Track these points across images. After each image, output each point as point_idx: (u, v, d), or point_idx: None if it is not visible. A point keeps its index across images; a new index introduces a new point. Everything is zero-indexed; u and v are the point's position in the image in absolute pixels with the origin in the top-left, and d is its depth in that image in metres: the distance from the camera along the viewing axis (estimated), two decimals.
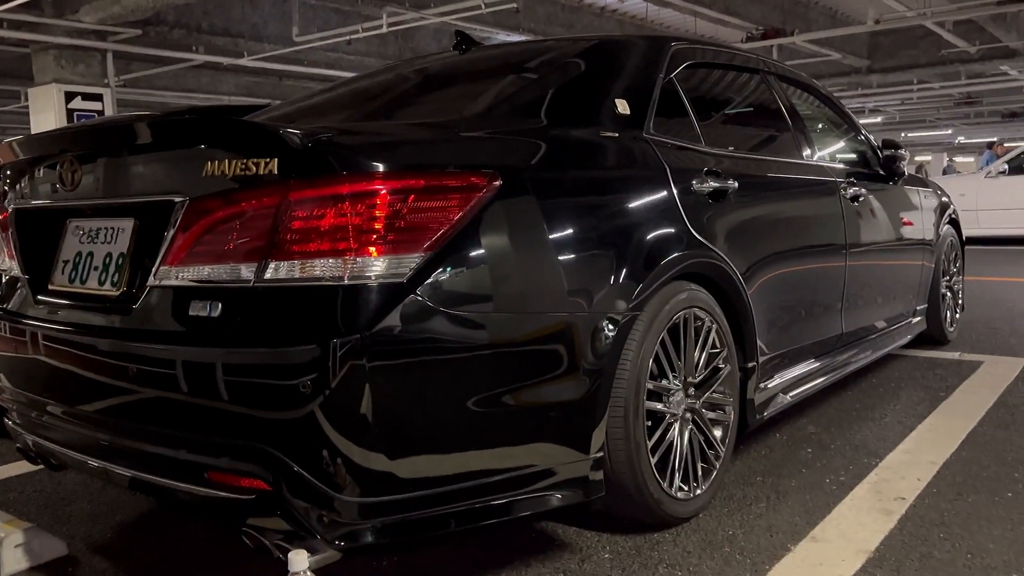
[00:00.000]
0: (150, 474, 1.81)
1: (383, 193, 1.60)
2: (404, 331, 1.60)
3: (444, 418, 1.70)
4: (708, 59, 2.83)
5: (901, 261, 3.82)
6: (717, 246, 2.36)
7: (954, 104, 21.73)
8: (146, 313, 1.74)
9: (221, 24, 10.73)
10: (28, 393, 2.11)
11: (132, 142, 1.83)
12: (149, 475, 1.81)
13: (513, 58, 2.58)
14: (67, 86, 9.05)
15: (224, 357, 1.60)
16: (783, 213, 2.88)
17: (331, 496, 1.59)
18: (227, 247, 1.63)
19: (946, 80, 16.77)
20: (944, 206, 4.45)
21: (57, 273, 2.02)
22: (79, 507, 2.56)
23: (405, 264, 1.61)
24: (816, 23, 12.76)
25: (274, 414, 1.57)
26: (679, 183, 2.28)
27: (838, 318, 3.20)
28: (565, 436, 1.91)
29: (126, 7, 7.95)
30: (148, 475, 1.82)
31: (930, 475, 2.57)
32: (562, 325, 1.87)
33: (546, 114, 2.15)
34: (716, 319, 2.36)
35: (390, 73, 2.87)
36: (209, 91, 15.19)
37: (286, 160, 1.58)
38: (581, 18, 12.57)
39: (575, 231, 1.94)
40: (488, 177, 1.76)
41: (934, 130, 27.71)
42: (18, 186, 2.21)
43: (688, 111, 2.58)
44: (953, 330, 4.58)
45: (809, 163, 3.15)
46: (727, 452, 2.43)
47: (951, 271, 4.55)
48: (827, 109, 3.71)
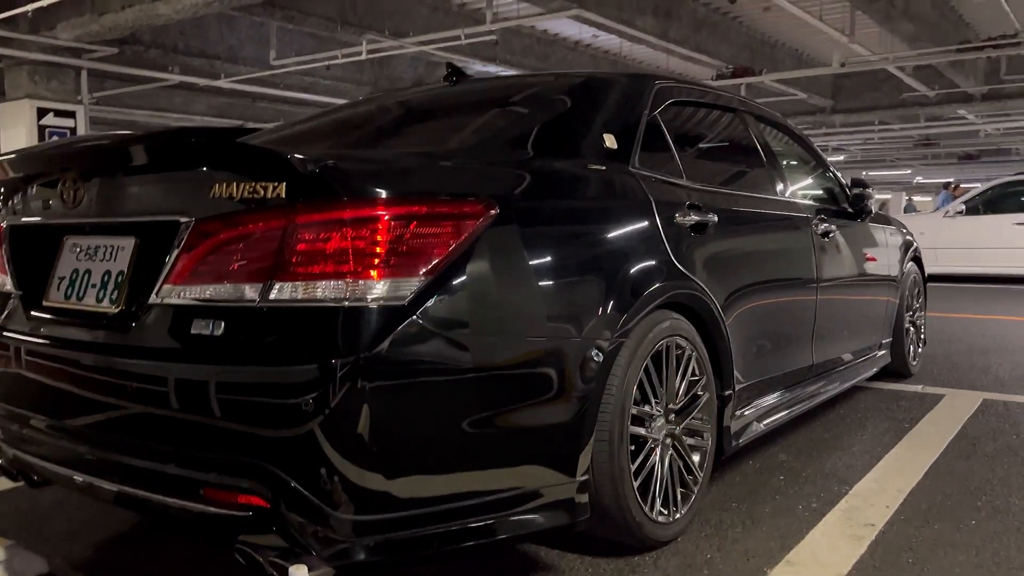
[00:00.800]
0: (141, 489, 1.82)
1: (387, 219, 1.66)
2: (404, 353, 1.65)
3: (439, 438, 1.74)
4: (689, 97, 2.94)
5: (868, 296, 3.96)
6: (698, 277, 2.44)
7: (913, 145, 22.41)
8: (147, 330, 1.77)
9: (197, 45, 10.76)
10: (15, 408, 2.11)
11: (136, 162, 1.87)
12: (139, 491, 1.82)
13: (506, 92, 2.66)
14: (40, 102, 8.98)
15: (226, 375, 1.63)
16: (759, 246, 2.98)
17: (327, 513, 1.62)
18: (232, 267, 1.67)
19: (906, 122, 17.32)
20: (908, 244, 4.61)
21: (52, 289, 2.04)
22: (57, 525, 2.54)
23: (406, 287, 1.66)
24: (783, 63, 13.14)
25: (274, 432, 1.61)
26: (663, 215, 2.37)
27: (809, 349, 3.31)
28: (554, 459, 1.96)
29: (104, 26, 7.94)
30: (138, 491, 1.83)
31: (897, 503, 2.66)
32: (554, 350, 1.93)
33: (538, 146, 2.22)
34: (696, 348, 2.44)
35: (384, 101, 2.94)
36: (181, 111, 15.11)
37: (294, 184, 1.63)
38: (555, 51, 12.80)
39: (566, 259, 2.01)
40: (486, 205, 1.83)
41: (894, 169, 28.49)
42: (12, 202, 2.22)
43: (670, 146, 2.68)
44: (916, 364, 4.73)
45: (783, 199, 3.27)
46: (705, 477, 2.50)
47: (914, 306, 4.70)
48: (799, 147, 3.85)
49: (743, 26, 11.79)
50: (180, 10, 7.45)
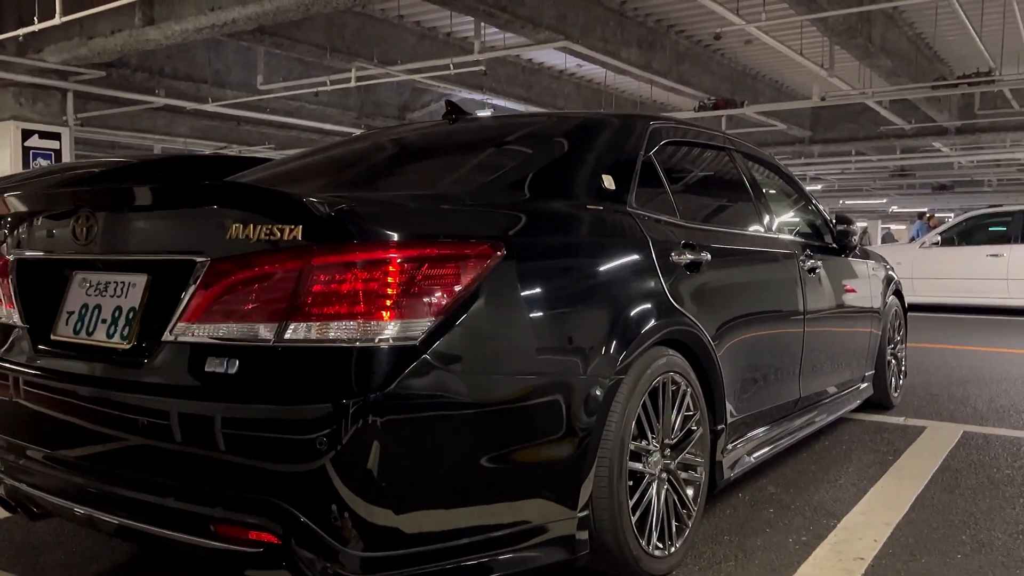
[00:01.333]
0: (146, 524, 1.84)
1: (399, 261, 1.71)
2: (415, 392, 1.69)
3: (448, 475, 1.78)
4: (681, 137, 3.03)
5: (852, 329, 4.05)
6: (692, 314, 2.51)
7: (889, 175, 22.85)
8: (160, 367, 1.80)
9: (184, 69, 10.79)
10: (17, 440, 2.12)
11: (150, 202, 1.90)
12: (144, 525, 1.84)
13: (505, 132, 2.72)
14: (25, 124, 8.95)
15: (240, 412, 1.66)
16: (749, 283, 3.06)
17: (336, 549, 1.65)
18: (248, 307, 1.70)
19: (882, 153, 17.67)
20: (890, 278, 4.72)
21: (61, 323, 2.06)
22: (53, 556, 2.53)
23: (417, 328, 1.71)
24: (763, 94, 13.39)
25: (287, 468, 1.64)
26: (659, 254, 2.43)
27: (796, 383, 3.38)
28: (555, 494, 2.00)
29: (93, 50, 7.96)
30: (143, 524, 1.84)
31: (885, 536, 2.72)
32: (558, 388, 1.98)
33: (539, 188, 2.28)
34: (691, 383, 2.50)
35: (383, 138, 2.99)
36: (165, 132, 15.09)
37: (310, 227, 1.68)
38: (540, 80, 12.96)
39: (569, 299, 2.07)
40: (492, 247, 1.88)
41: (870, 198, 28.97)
42: (19, 235, 2.25)
43: (665, 185, 2.75)
44: (897, 395, 4.82)
45: (771, 236, 3.35)
46: (699, 511, 2.55)
47: (896, 339, 4.80)
48: (786, 184, 3.94)
49: (725, 58, 12.01)
50: (170, 36, 7.49)
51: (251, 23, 7.13)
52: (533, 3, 8.07)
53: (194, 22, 7.13)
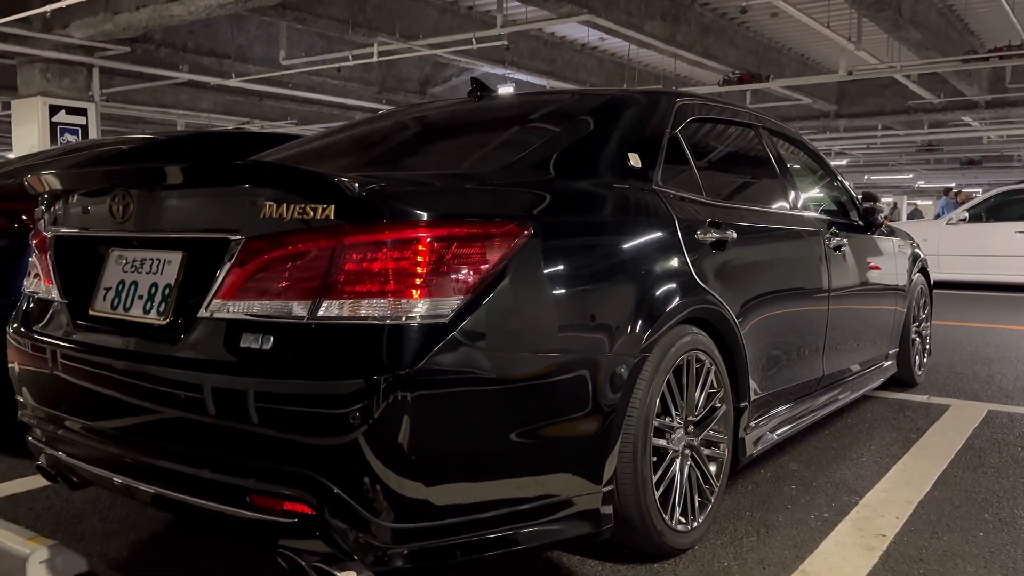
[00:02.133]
0: (183, 494, 1.89)
1: (430, 240, 1.73)
2: (445, 368, 1.72)
3: (476, 450, 1.82)
4: (708, 114, 3.02)
5: (877, 307, 4.03)
6: (716, 292, 2.52)
7: (916, 150, 22.51)
8: (196, 342, 1.84)
9: (207, 44, 10.84)
10: (57, 412, 2.18)
11: (186, 181, 1.94)
12: (181, 495, 1.90)
13: (531, 110, 2.73)
14: (52, 99, 9.05)
15: (275, 387, 1.70)
16: (774, 261, 3.06)
17: (369, 520, 1.69)
18: (282, 284, 1.74)
19: (910, 128, 17.42)
20: (916, 255, 4.69)
21: (98, 299, 2.11)
22: (91, 524, 2.61)
23: (447, 306, 1.73)
24: (789, 68, 13.22)
25: (321, 442, 1.68)
26: (685, 233, 2.44)
27: (820, 361, 3.38)
28: (580, 469, 2.03)
29: (118, 25, 8.01)
30: (180, 495, 1.90)
31: (907, 513, 2.73)
32: (584, 365, 2.00)
33: (566, 166, 2.29)
34: (715, 361, 2.52)
35: (408, 116, 3.01)
36: (188, 108, 15.22)
37: (342, 206, 1.70)
38: (562, 54, 12.88)
39: (596, 277, 2.09)
40: (520, 226, 1.90)
41: (896, 174, 28.61)
42: (57, 213, 2.29)
43: (691, 163, 2.75)
44: (921, 373, 4.80)
45: (797, 213, 3.34)
46: (721, 487, 2.57)
47: (920, 317, 4.78)
48: (812, 161, 3.92)
49: (750, 31, 11.86)
50: (194, 11, 7.53)
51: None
52: None
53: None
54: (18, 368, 2.32)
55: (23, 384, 2.31)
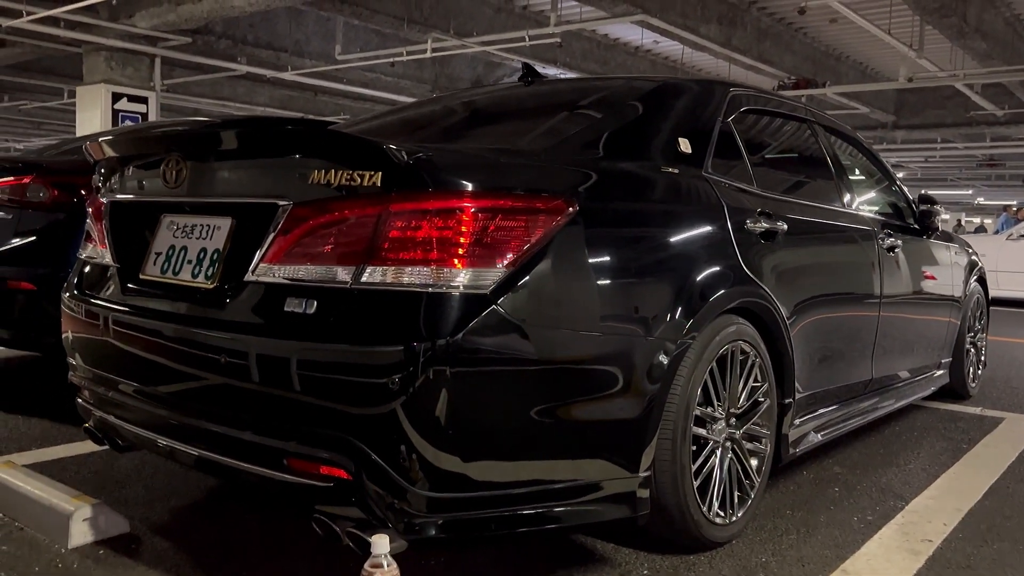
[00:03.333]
0: (223, 456, 1.92)
1: (475, 210, 1.73)
2: (484, 340, 1.71)
3: (512, 425, 1.80)
4: (761, 106, 2.97)
5: (930, 314, 3.92)
6: (765, 284, 2.47)
7: (976, 165, 21.89)
8: (241, 306, 1.87)
9: (265, 38, 11.02)
10: (106, 373, 2.22)
11: (237, 147, 1.96)
12: (222, 457, 1.92)
13: (583, 94, 2.72)
14: (115, 87, 9.31)
15: (317, 352, 1.71)
16: (825, 257, 2.99)
17: (404, 488, 1.69)
18: (327, 250, 1.75)
19: (970, 141, 16.93)
20: (973, 264, 4.55)
21: (149, 264, 2.15)
22: (134, 490, 2.67)
23: (489, 277, 1.73)
24: (846, 76, 12.96)
25: (360, 408, 1.69)
26: (734, 221, 2.40)
27: (869, 364, 3.30)
28: (619, 453, 2.01)
29: (181, 16, 8.20)
30: (221, 457, 1.92)
31: (955, 521, 2.65)
32: (625, 348, 1.98)
33: (615, 148, 2.27)
34: (760, 354, 2.47)
35: (462, 99, 3.02)
36: (244, 101, 15.49)
37: (389, 174, 1.71)
38: (615, 56, 12.81)
39: (640, 259, 2.06)
40: (565, 202, 1.89)
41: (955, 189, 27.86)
42: (113, 180, 2.35)
43: (742, 153, 2.71)
44: (975, 386, 4.66)
45: (850, 211, 3.26)
46: (762, 482, 2.52)
47: (976, 327, 4.63)
48: (867, 161, 3.83)
49: (807, 37, 11.66)
50: (253, 3, 7.67)
51: None
52: None
53: None
54: (70, 331, 2.37)
55: (74, 347, 2.37)
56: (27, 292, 3.50)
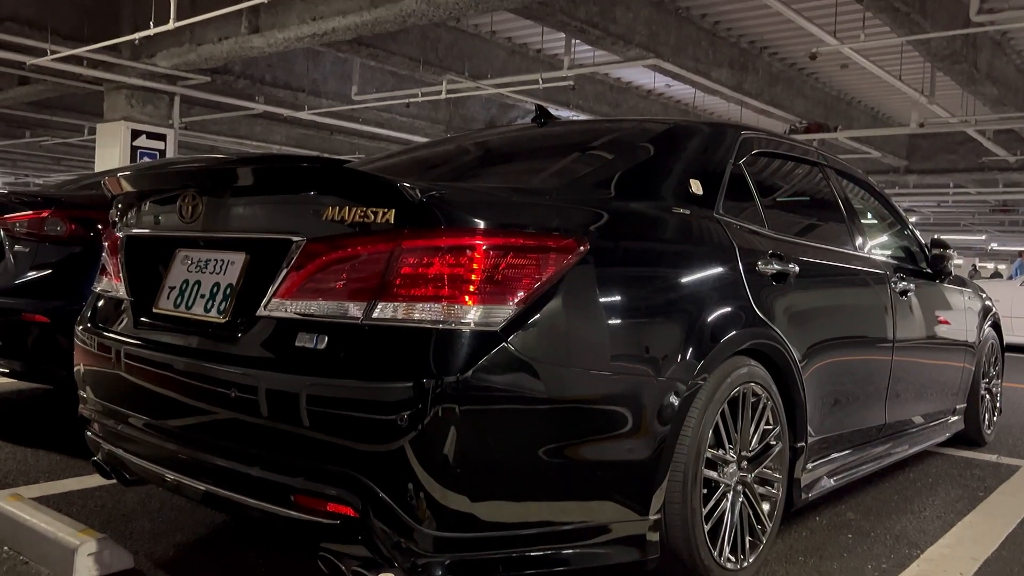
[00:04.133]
0: (231, 492, 1.91)
1: (487, 248, 1.74)
2: (494, 377, 1.71)
3: (521, 465, 1.79)
4: (773, 149, 2.98)
5: (944, 359, 3.89)
6: (776, 326, 2.46)
7: (990, 210, 21.86)
8: (252, 341, 1.87)
9: (283, 78, 11.21)
10: (117, 407, 2.23)
11: (253, 183, 1.99)
12: (229, 492, 1.91)
13: (594, 135, 2.74)
14: (134, 124, 9.46)
15: (327, 387, 1.71)
16: (836, 300, 2.98)
17: (411, 527, 1.68)
18: (339, 285, 1.76)
19: (983, 186, 16.95)
20: (987, 309, 4.52)
21: (163, 298, 2.17)
22: (140, 524, 2.65)
23: (500, 314, 1.73)
24: (858, 121, 13.04)
25: (368, 445, 1.68)
26: (746, 262, 2.40)
27: (882, 408, 3.26)
28: (629, 495, 1.99)
29: (201, 55, 8.36)
30: (227, 492, 1.92)
31: (972, 571, 2.59)
32: (635, 389, 1.97)
33: (626, 188, 2.29)
34: (772, 396, 2.45)
35: (476, 139, 3.05)
36: (261, 139, 15.72)
37: (402, 211, 1.73)
38: (628, 99, 12.94)
39: (651, 299, 2.06)
40: (576, 241, 1.90)
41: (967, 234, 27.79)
42: (130, 214, 2.38)
43: (753, 195, 2.72)
44: (990, 432, 4.59)
45: (862, 254, 3.26)
46: (774, 527, 2.49)
47: (991, 373, 4.59)
48: (879, 204, 3.83)
49: (819, 82, 11.76)
50: (273, 43, 7.81)
51: (350, 33, 7.37)
52: (625, 21, 8.10)
53: (296, 31, 7.42)
54: (82, 364, 2.38)
55: (86, 379, 2.37)
56: (41, 325, 3.53)
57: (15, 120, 15.24)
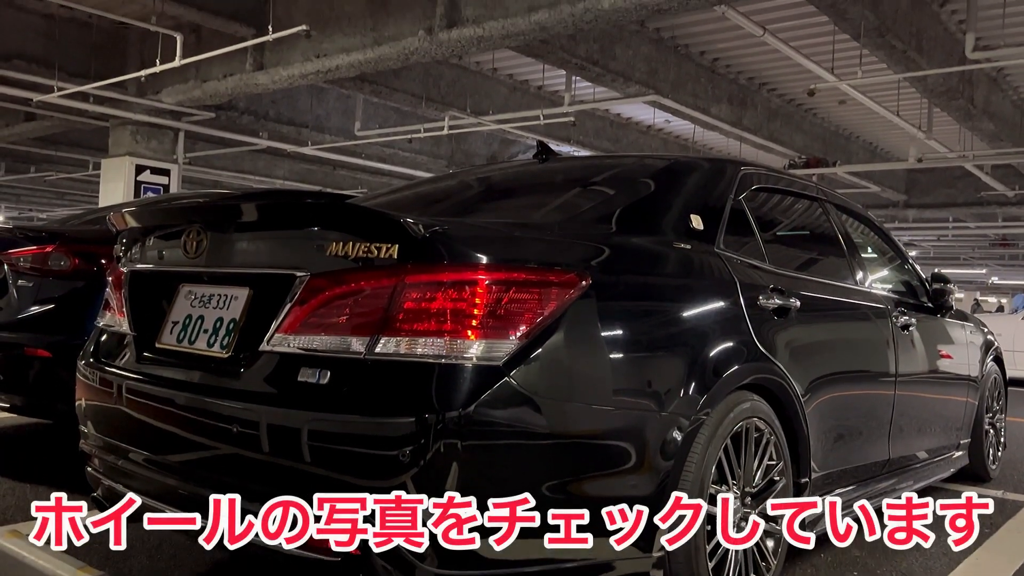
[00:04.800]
0: None
1: (489, 283, 1.75)
2: (496, 412, 1.71)
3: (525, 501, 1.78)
4: (772, 184, 3.01)
5: (947, 393, 3.87)
6: (778, 360, 2.46)
7: (990, 244, 21.91)
8: (255, 376, 1.88)
9: (287, 113, 11.33)
10: (117, 441, 2.22)
11: (257, 219, 2.01)
12: None
13: (596, 170, 2.77)
14: (139, 159, 9.54)
15: (328, 422, 1.72)
16: (839, 334, 2.98)
17: (413, 564, 1.67)
18: (342, 320, 1.77)
19: (982, 220, 17.00)
20: (989, 343, 4.51)
21: (166, 333, 2.18)
22: (139, 561, 2.63)
23: (502, 349, 1.74)
24: (856, 156, 13.14)
25: (370, 481, 1.67)
26: (747, 297, 2.41)
27: (886, 443, 3.24)
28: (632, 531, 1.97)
29: (206, 92, 8.46)
30: None
31: None
32: (638, 424, 1.96)
33: (628, 223, 2.30)
34: (775, 431, 2.44)
35: (479, 174, 3.09)
36: (264, 174, 15.83)
37: (406, 246, 1.74)
38: (628, 134, 13.06)
39: (653, 334, 2.07)
40: (579, 276, 1.91)
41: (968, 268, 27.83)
42: (134, 250, 2.39)
43: (754, 230, 2.73)
44: (995, 468, 4.56)
45: (863, 289, 3.27)
46: (778, 565, 2.46)
47: (994, 408, 4.57)
48: (879, 239, 3.85)
49: (817, 117, 11.87)
50: (277, 80, 7.91)
51: (353, 70, 7.47)
52: (624, 58, 8.20)
53: (300, 68, 7.52)
54: (84, 398, 2.38)
55: (87, 414, 2.37)
56: (43, 359, 3.53)
57: (20, 155, 15.36)
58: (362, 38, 7.01)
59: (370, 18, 6.97)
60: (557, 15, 5.85)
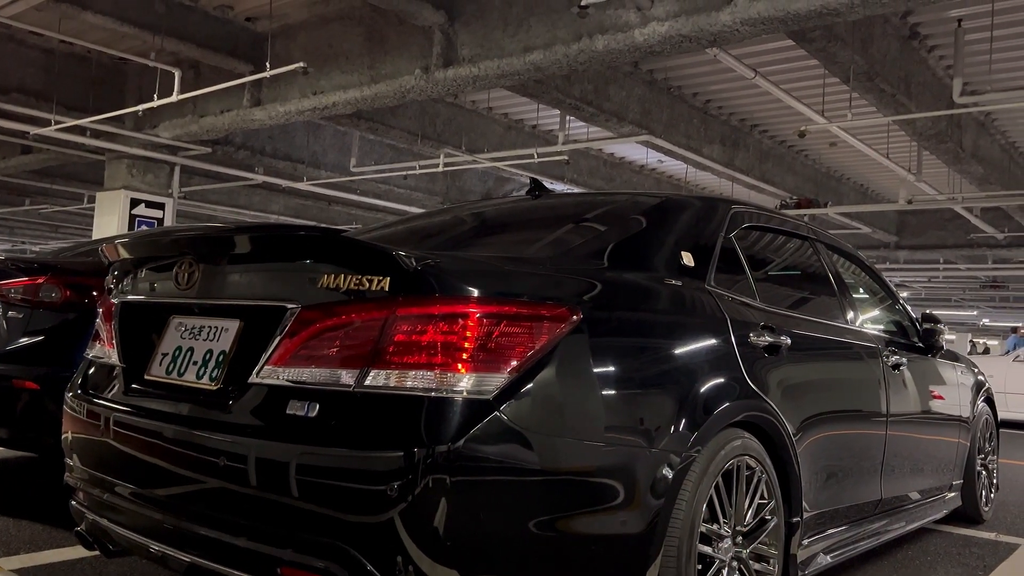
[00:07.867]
0: (217, 563, 1.87)
1: (480, 316, 1.75)
2: (486, 448, 1.70)
3: (513, 537, 1.76)
4: (763, 223, 3.03)
5: (938, 433, 3.86)
6: (770, 398, 2.45)
7: (980, 286, 22.06)
8: (243, 408, 1.86)
9: (283, 149, 11.41)
10: (105, 475, 2.19)
11: (249, 251, 2.01)
12: (215, 564, 1.87)
13: (589, 207, 2.79)
14: (134, 193, 9.57)
15: (316, 456, 1.70)
16: (830, 373, 2.98)
17: None
18: (332, 352, 1.77)
19: (973, 262, 17.14)
20: (980, 384, 4.52)
21: (155, 364, 2.16)
22: None
23: (492, 383, 1.73)
24: (847, 197, 13.27)
25: (357, 516, 1.65)
26: (738, 334, 2.41)
27: (878, 483, 3.23)
28: (622, 570, 1.95)
29: (203, 127, 8.52)
30: (214, 564, 1.87)
31: None
32: (628, 461, 1.95)
33: (619, 259, 2.32)
34: (766, 469, 2.43)
35: (472, 209, 3.10)
36: (259, 209, 15.89)
37: (397, 279, 1.74)
38: (621, 173, 13.18)
39: (644, 370, 2.06)
40: (570, 310, 1.91)
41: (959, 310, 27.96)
42: (125, 281, 2.39)
43: (744, 268, 2.75)
44: (988, 509, 4.54)
45: (854, 328, 3.28)
46: None
47: (986, 449, 4.56)
48: (869, 279, 3.87)
49: (808, 159, 12.01)
50: (274, 116, 7.98)
51: (350, 107, 7.54)
52: (618, 99, 8.31)
53: (297, 104, 7.59)
54: (71, 431, 2.36)
55: (73, 447, 2.34)
56: (31, 391, 3.50)
57: (15, 188, 15.41)
58: (359, 76, 7.10)
59: (367, 56, 7.07)
60: (552, 56, 5.95)
